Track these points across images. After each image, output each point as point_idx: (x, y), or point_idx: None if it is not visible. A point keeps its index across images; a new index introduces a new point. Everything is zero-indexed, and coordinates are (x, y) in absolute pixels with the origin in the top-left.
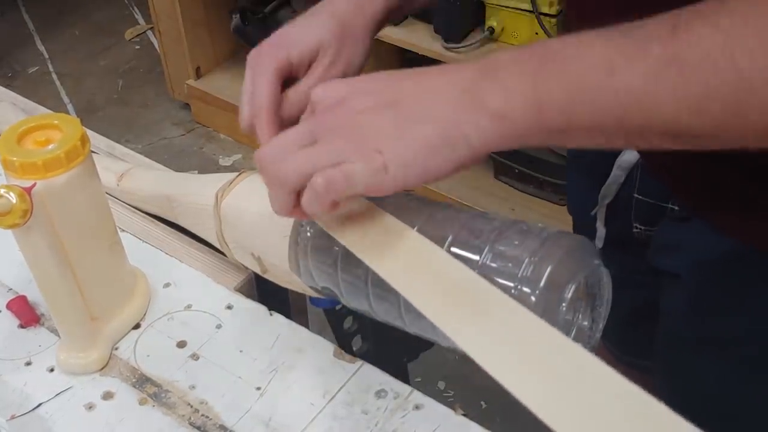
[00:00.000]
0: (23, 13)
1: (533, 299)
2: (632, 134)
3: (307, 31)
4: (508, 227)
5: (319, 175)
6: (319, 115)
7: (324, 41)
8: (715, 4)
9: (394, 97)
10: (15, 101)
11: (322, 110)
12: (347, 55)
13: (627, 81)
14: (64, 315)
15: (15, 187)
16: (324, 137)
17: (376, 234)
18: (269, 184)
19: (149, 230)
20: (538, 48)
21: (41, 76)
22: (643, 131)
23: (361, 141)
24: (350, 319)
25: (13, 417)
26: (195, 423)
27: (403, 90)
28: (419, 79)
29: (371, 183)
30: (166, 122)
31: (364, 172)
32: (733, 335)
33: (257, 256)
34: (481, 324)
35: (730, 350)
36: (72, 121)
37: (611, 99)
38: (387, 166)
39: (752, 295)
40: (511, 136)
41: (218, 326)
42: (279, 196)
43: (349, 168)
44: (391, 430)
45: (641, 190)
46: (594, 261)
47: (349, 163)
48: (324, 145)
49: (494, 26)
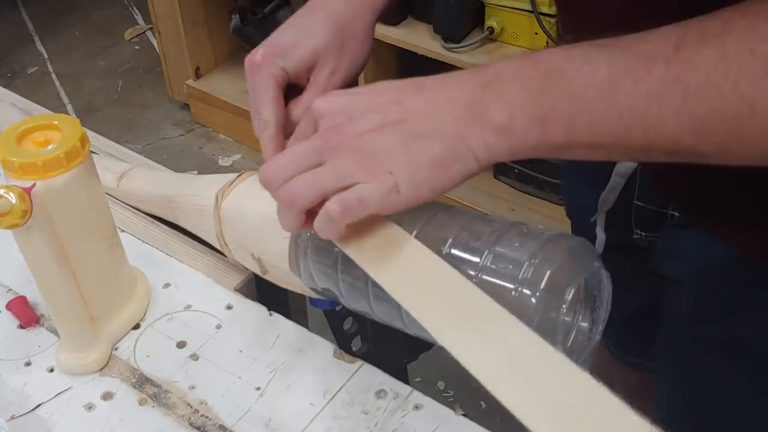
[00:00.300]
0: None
1: (533, 301)
2: (635, 151)
3: (303, 37)
4: (508, 229)
5: (335, 201)
6: (324, 134)
7: (322, 48)
8: (719, 24)
9: (399, 116)
10: (14, 102)
11: (326, 129)
12: (348, 60)
13: (630, 101)
14: (64, 315)
15: (15, 188)
16: (331, 157)
17: (377, 242)
18: (278, 204)
19: (149, 230)
20: (541, 61)
21: (41, 77)
22: (645, 149)
23: (371, 162)
24: (350, 320)
25: (13, 417)
26: (195, 423)
27: (407, 107)
28: (423, 95)
29: (385, 203)
30: (166, 122)
31: (378, 194)
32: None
33: (257, 256)
34: (480, 339)
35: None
36: (71, 122)
37: (615, 118)
38: (398, 185)
39: (752, 300)
40: (517, 149)
41: (218, 326)
42: (288, 215)
43: (363, 190)
44: (390, 430)
45: (641, 196)
46: (594, 263)
47: (362, 184)
48: (332, 166)
49: (494, 26)
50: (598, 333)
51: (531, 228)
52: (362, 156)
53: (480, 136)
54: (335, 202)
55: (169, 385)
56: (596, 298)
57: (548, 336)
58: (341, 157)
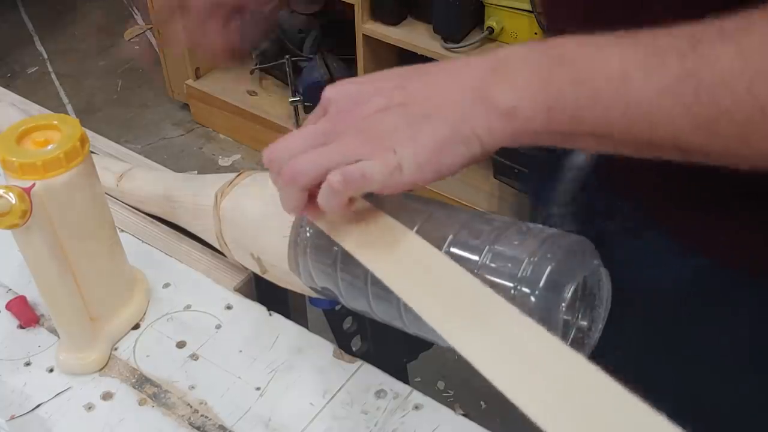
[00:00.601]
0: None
1: (533, 299)
2: (641, 145)
3: None
4: (508, 227)
5: (337, 172)
6: (331, 118)
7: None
8: (742, 22)
9: (405, 98)
10: (14, 102)
11: (334, 112)
12: None
13: (640, 95)
14: (64, 315)
15: (14, 188)
16: (337, 137)
17: (377, 237)
18: (281, 182)
19: (149, 230)
20: (552, 48)
21: (40, 77)
22: (651, 144)
23: (376, 141)
24: (350, 320)
25: (13, 417)
26: (194, 423)
27: (413, 90)
28: (428, 79)
29: (387, 181)
30: (166, 122)
31: (381, 171)
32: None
33: (257, 256)
34: (481, 330)
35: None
36: (71, 122)
37: (621, 111)
38: (401, 165)
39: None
40: (521, 134)
41: (218, 326)
42: (291, 193)
43: (366, 165)
44: (390, 430)
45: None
46: (593, 261)
47: (365, 161)
48: (336, 145)
49: (493, 26)
50: (597, 331)
51: (530, 226)
52: (367, 135)
53: (485, 119)
54: (338, 173)
55: (169, 385)
56: (595, 296)
57: None
58: (346, 137)
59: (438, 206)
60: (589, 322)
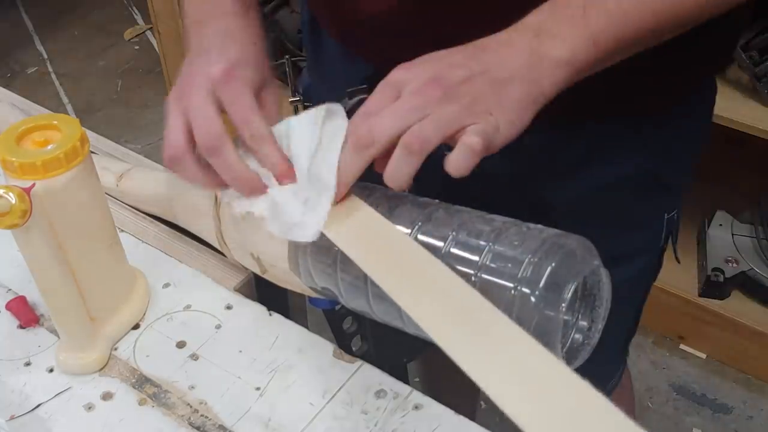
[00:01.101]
0: (22, 13)
1: (533, 300)
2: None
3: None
4: (508, 227)
5: (471, 133)
6: (423, 90)
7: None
8: None
9: (482, 67)
10: (14, 101)
11: (415, 89)
12: None
13: None
14: (64, 315)
15: (14, 188)
16: (434, 109)
17: (377, 243)
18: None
19: (149, 230)
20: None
21: (40, 77)
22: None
23: (473, 106)
24: (350, 320)
25: (13, 417)
26: (194, 423)
27: (485, 60)
28: (491, 50)
29: (492, 142)
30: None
31: (487, 132)
32: None
33: (257, 256)
34: (479, 343)
35: None
36: (71, 122)
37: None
38: (498, 125)
39: None
40: (576, 75)
41: (218, 326)
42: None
43: (479, 128)
44: (390, 430)
45: None
46: (593, 261)
47: (475, 124)
48: (440, 113)
49: None
50: (597, 332)
51: (530, 227)
52: (465, 102)
53: (550, 75)
54: (472, 133)
55: (169, 385)
56: (595, 296)
57: (547, 335)
58: (443, 106)
59: (438, 206)
60: (589, 322)
